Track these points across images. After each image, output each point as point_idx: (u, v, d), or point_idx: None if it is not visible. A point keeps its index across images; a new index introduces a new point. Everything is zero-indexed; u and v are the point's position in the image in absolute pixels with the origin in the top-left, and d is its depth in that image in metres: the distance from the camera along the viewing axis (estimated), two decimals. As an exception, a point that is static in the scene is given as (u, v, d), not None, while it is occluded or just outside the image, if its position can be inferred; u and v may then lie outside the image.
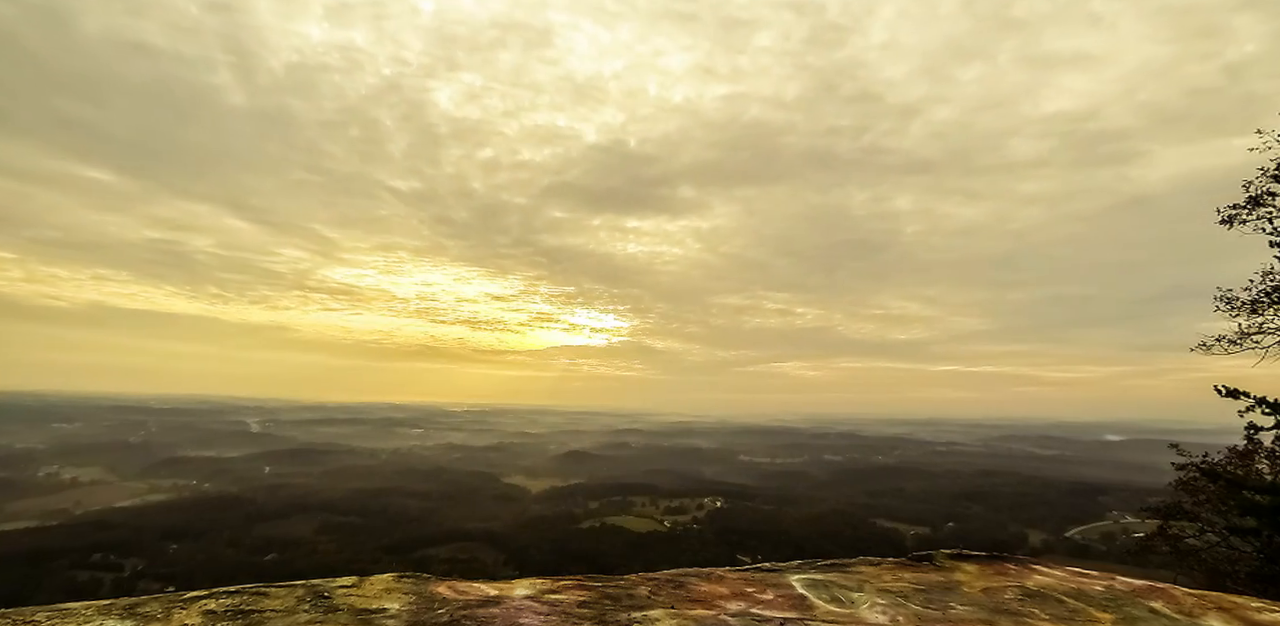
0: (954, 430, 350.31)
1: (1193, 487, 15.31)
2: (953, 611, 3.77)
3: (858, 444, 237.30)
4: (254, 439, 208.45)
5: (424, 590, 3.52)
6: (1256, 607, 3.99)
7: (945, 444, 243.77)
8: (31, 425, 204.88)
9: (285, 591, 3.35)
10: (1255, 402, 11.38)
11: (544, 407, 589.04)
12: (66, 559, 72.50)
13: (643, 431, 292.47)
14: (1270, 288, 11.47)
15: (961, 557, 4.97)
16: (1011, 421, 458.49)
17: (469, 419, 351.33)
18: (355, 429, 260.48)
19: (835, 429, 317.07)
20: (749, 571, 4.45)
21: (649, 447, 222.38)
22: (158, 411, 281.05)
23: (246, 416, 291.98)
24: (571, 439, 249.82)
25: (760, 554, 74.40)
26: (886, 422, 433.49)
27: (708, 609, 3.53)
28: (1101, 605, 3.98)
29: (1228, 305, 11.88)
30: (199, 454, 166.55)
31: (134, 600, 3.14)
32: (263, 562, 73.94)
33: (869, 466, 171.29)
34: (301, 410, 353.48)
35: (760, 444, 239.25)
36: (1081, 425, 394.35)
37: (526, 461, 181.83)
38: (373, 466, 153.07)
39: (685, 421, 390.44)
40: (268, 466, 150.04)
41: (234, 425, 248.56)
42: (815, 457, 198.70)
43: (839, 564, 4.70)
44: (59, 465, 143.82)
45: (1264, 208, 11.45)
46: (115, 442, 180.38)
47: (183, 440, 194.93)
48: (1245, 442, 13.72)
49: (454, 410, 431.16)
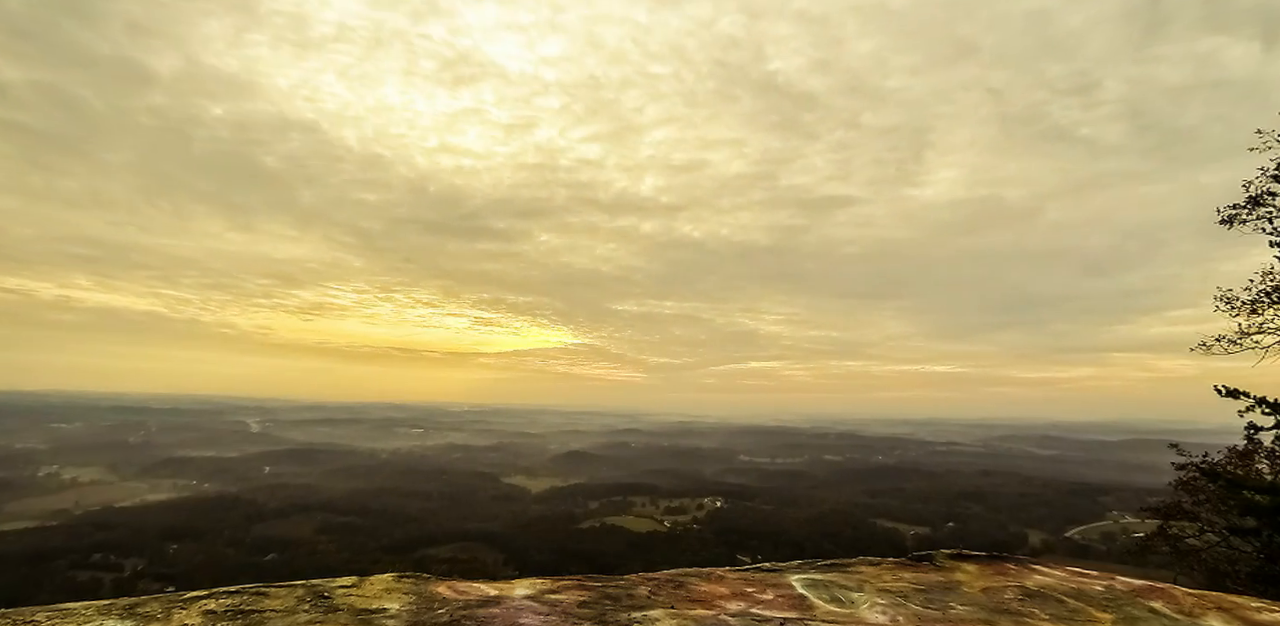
0: (954, 430, 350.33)
1: (1193, 487, 15.33)
2: (953, 611, 3.77)
3: (858, 444, 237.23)
4: (254, 439, 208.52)
5: (424, 590, 3.52)
6: (1256, 607, 3.99)
7: (945, 444, 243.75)
8: (31, 425, 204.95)
9: (285, 591, 3.35)
10: (1255, 402, 11.39)
11: (544, 407, 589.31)
12: (66, 559, 72.50)
13: (643, 431, 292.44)
14: (1270, 287, 11.47)
15: (961, 557, 4.97)
16: (1011, 421, 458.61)
17: (469, 419, 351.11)
18: (355, 429, 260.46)
19: (835, 429, 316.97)
20: (749, 571, 4.45)
21: (649, 447, 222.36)
22: (158, 411, 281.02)
23: (246, 416, 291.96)
24: (571, 439, 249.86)
25: (760, 554, 74.39)
26: (886, 422, 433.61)
27: (708, 609, 3.53)
28: (1101, 605, 3.98)
29: (1227, 305, 11.87)
30: (199, 454, 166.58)
31: (134, 600, 3.15)
32: (263, 562, 73.96)
33: (869, 466, 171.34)
34: (301, 410, 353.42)
35: (760, 444, 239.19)
36: (1081, 425, 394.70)
37: (526, 461, 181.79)
38: (373, 466, 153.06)
39: (685, 421, 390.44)
40: (268, 466, 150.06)
41: (234, 425, 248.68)
42: (815, 457, 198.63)
43: (839, 564, 4.70)
44: (59, 465, 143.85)
45: (1264, 207, 11.45)
46: (115, 442, 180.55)
47: (183, 440, 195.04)
48: (1245, 442, 13.74)
49: (454, 410, 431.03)
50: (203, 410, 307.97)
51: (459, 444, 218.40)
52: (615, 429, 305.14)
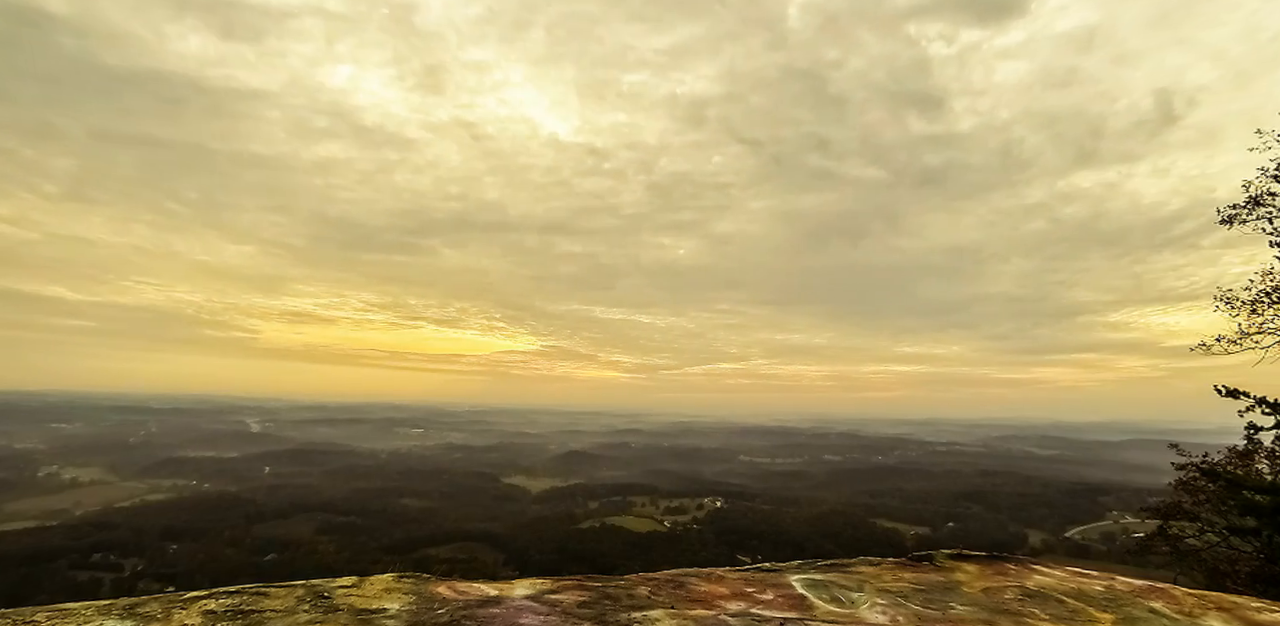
0: (954, 430, 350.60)
1: (1193, 487, 15.32)
2: (953, 611, 3.77)
3: (858, 444, 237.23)
4: (254, 439, 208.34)
5: (424, 590, 3.52)
6: (1256, 607, 3.99)
7: (945, 444, 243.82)
8: (31, 425, 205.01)
9: (285, 591, 3.35)
10: (1255, 402, 11.38)
11: (544, 407, 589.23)
12: (66, 559, 72.52)
13: (643, 431, 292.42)
14: (1270, 287, 11.45)
15: (961, 557, 4.97)
16: (1011, 421, 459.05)
17: (469, 419, 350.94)
18: (355, 429, 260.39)
19: (835, 429, 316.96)
20: (749, 571, 4.45)
21: (649, 447, 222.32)
22: (158, 411, 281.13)
23: (246, 416, 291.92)
24: (571, 439, 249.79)
25: (760, 554, 74.39)
26: (886, 422, 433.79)
27: (708, 609, 3.53)
28: (1101, 605, 3.98)
29: (1227, 305, 11.85)
30: (199, 454, 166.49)
31: (134, 600, 3.15)
32: (263, 562, 73.92)
33: (869, 466, 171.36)
34: (301, 410, 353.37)
35: (760, 444, 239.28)
36: (1081, 425, 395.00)
37: (526, 461, 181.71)
38: (373, 466, 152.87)
39: (685, 421, 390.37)
40: (268, 466, 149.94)
41: (234, 425, 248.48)
42: (815, 457, 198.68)
43: (839, 564, 4.70)
44: (59, 465, 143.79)
45: (1264, 207, 11.43)
46: (115, 442, 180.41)
47: (183, 440, 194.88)
48: (1245, 442, 13.73)
49: (454, 410, 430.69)
50: (203, 410, 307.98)
51: (459, 444, 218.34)
52: (615, 429, 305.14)
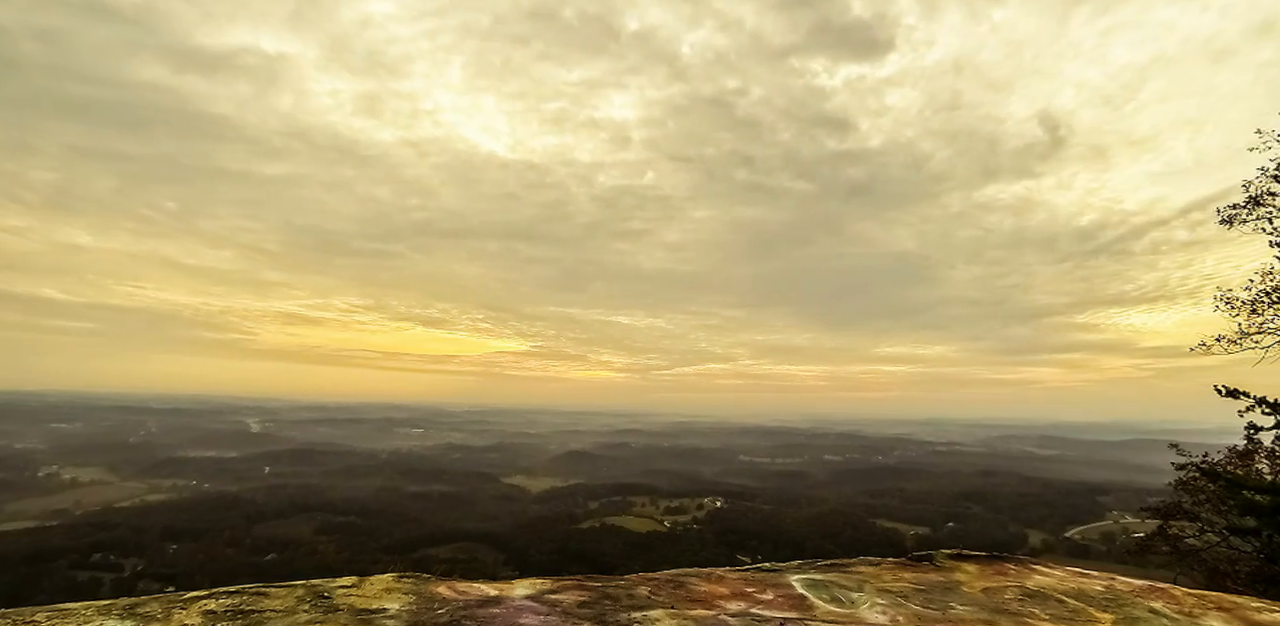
0: (954, 430, 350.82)
1: (1193, 487, 15.29)
2: (953, 611, 3.77)
3: (858, 444, 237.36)
4: (254, 439, 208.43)
5: (424, 590, 3.52)
6: (1256, 607, 3.99)
7: (945, 444, 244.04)
8: (31, 425, 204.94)
9: (285, 591, 3.35)
10: (1255, 402, 11.37)
11: (543, 407, 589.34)
12: (66, 559, 72.54)
13: (643, 431, 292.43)
14: (1270, 287, 11.44)
15: (961, 557, 4.97)
16: (1011, 421, 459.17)
17: (469, 419, 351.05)
18: (355, 429, 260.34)
19: (835, 429, 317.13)
20: (749, 571, 4.45)
21: (649, 447, 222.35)
22: (158, 411, 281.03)
23: (246, 416, 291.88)
24: (571, 439, 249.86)
25: (760, 554, 74.43)
26: (886, 423, 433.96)
27: (708, 609, 3.53)
28: (1101, 605, 3.98)
29: (1227, 305, 11.84)
30: (199, 454, 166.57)
31: (134, 600, 3.15)
32: (263, 562, 73.94)
33: (869, 466, 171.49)
34: (301, 410, 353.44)
35: (760, 444, 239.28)
36: (1081, 425, 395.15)
37: (526, 461, 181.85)
38: (373, 466, 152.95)
39: (685, 421, 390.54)
40: (268, 466, 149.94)
41: (234, 425, 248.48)
42: (815, 457, 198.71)
43: (839, 564, 4.70)
44: (59, 465, 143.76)
45: (1264, 207, 11.42)
46: (115, 442, 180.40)
47: (183, 440, 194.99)
48: (1245, 442, 13.73)
49: (453, 410, 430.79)
50: (202, 410, 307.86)
51: (459, 444, 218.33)
52: (615, 429, 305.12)
